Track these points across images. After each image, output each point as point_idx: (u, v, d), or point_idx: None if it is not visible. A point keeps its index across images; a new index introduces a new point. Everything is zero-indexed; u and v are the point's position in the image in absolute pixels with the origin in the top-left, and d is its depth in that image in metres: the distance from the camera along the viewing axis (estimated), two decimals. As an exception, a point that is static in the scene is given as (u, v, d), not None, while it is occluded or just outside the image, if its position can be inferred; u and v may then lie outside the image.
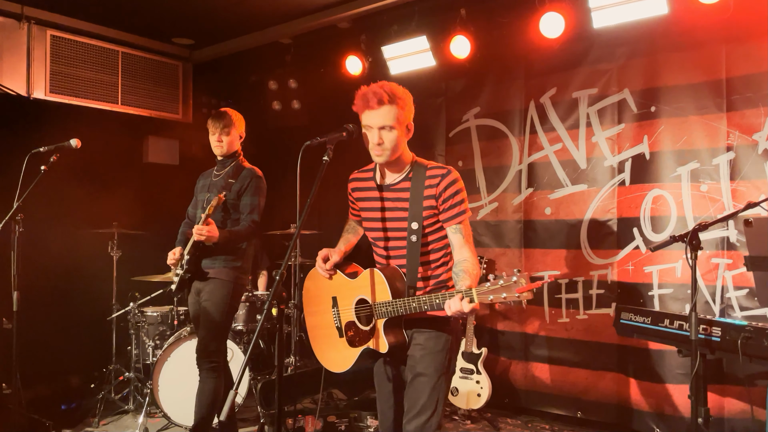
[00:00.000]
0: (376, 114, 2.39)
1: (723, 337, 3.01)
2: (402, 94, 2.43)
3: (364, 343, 2.50)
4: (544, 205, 4.85)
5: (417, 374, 2.45)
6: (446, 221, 2.45)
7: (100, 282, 5.07)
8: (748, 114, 3.97)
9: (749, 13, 3.82)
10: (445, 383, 2.48)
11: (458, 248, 2.42)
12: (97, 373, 5.07)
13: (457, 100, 5.35)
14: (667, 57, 4.29)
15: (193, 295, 3.83)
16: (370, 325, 2.48)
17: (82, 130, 4.09)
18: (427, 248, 2.49)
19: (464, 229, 2.43)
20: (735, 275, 3.99)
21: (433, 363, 2.44)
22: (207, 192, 3.87)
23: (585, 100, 4.66)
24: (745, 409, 3.84)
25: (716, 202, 4.08)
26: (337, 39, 5.36)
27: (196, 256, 3.70)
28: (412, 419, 2.42)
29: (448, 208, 2.42)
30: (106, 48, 5.38)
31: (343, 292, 2.61)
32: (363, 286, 2.51)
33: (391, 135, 2.41)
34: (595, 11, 4.21)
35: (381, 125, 2.39)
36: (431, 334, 2.46)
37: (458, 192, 2.43)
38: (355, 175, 2.71)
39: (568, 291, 4.73)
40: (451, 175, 2.44)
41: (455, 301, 2.14)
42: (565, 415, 4.73)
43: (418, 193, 2.44)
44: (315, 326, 2.76)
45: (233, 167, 3.84)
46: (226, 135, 3.82)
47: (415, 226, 2.43)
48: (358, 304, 2.54)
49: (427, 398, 2.41)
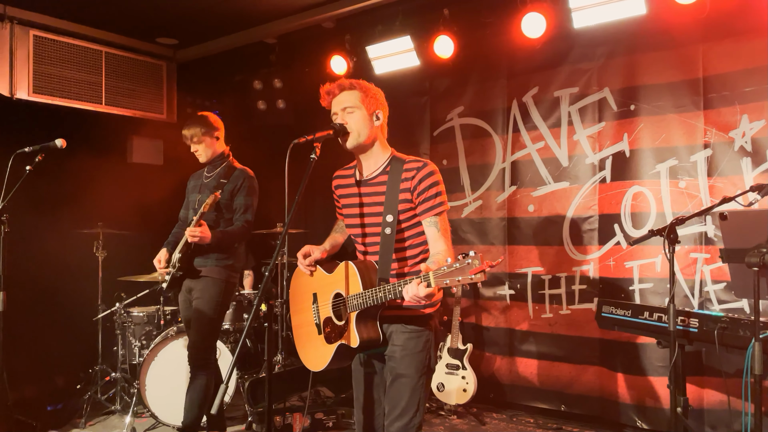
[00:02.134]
0: (338, 99, 2.50)
1: (700, 328, 3.10)
2: (364, 84, 2.53)
3: (338, 339, 2.47)
4: (527, 203, 4.92)
5: (398, 375, 2.44)
6: (422, 214, 2.44)
7: (85, 282, 5.06)
8: (724, 112, 4.07)
9: (725, 13, 3.92)
10: (426, 383, 2.48)
11: (433, 241, 2.43)
12: (83, 374, 5.05)
13: (441, 99, 5.40)
14: (645, 56, 4.38)
15: (183, 293, 3.84)
16: (344, 320, 2.46)
17: (66, 130, 4.08)
18: (403, 243, 2.48)
19: (440, 222, 2.42)
20: (713, 269, 4.09)
21: (414, 363, 2.43)
22: (198, 193, 3.87)
23: (566, 98, 4.74)
24: (723, 399, 3.94)
25: (694, 198, 4.17)
26: (322, 39, 5.38)
27: (188, 255, 3.71)
28: (395, 421, 2.42)
29: (423, 200, 2.42)
30: (89, 48, 5.35)
31: (323, 288, 2.60)
32: (339, 280, 2.50)
33: (354, 116, 2.46)
34: (576, 11, 4.28)
35: (343, 107, 2.47)
36: (411, 334, 2.45)
37: (434, 185, 2.42)
38: (338, 173, 2.74)
39: (551, 287, 4.81)
40: (427, 168, 2.43)
41: (412, 285, 2.15)
42: (549, 408, 4.80)
43: (394, 186, 2.44)
44: (298, 325, 2.74)
45: (224, 168, 3.85)
46: (198, 143, 3.81)
47: (389, 218, 2.43)
48: (334, 299, 2.53)
49: (408, 399, 2.41)
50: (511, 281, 5.00)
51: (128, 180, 5.77)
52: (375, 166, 2.54)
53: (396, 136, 2.63)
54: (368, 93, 2.51)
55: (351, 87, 2.50)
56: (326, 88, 2.54)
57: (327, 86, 2.54)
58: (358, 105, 2.47)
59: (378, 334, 2.42)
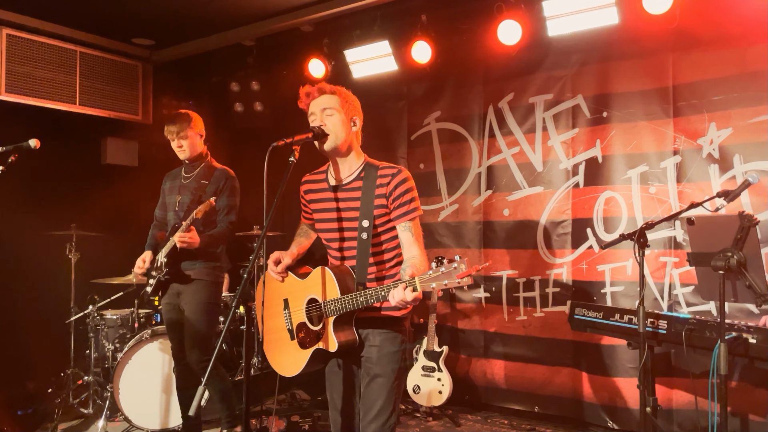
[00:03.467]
0: (317, 101, 2.52)
1: (669, 329, 3.18)
2: (344, 90, 2.58)
3: (314, 344, 2.48)
4: (502, 207, 4.99)
5: (374, 375, 2.46)
6: (396, 219, 2.47)
7: (58, 285, 4.99)
8: (693, 120, 4.18)
9: (694, 24, 4.03)
10: (401, 384, 2.51)
11: (407, 246, 2.46)
12: (55, 378, 4.97)
13: (418, 103, 5.45)
14: (617, 65, 4.48)
15: (170, 297, 3.81)
16: (320, 325, 2.47)
17: (39, 130, 4.02)
18: (379, 248, 2.51)
19: (414, 227, 2.46)
20: (681, 273, 4.20)
21: (390, 363, 2.46)
22: (178, 194, 3.83)
23: (541, 105, 4.83)
24: (691, 399, 4.04)
25: (664, 203, 4.28)
26: (300, 42, 5.40)
27: (174, 258, 3.69)
28: (371, 422, 2.42)
29: (398, 206, 2.46)
30: (63, 47, 5.29)
31: (295, 293, 2.60)
32: (313, 286, 2.50)
33: (333, 119, 2.48)
34: (550, 20, 4.37)
35: (323, 108, 2.50)
36: (387, 335, 2.48)
37: (408, 191, 2.46)
38: (307, 177, 2.73)
39: (525, 290, 4.88)
40: (402, 174, 2.48)
41: (398, 290, 2.17)
42: (523, 410, 4.87)
43: (369, 191, 2.47)
44: (268, 330, 2.71)
45: (203, 168, 3.82)
46: (185, 139, 3.76)
47: (365, 223, 2.46)
48: (308, 304, 2.53)
49: (384, 400, 2.43)
50: (486, 284, 5.06)
51: (102, 181, 5.71)
52: (349, 171, 2.56)
53: (374, 140, 2.67)
54: (347, 99, 2.56)
55: (331, 91, 2.54)
56: (306, 89, 2.56)
57: (307, 88, 2.57)
58: (338, 108, 2.51)
59: (355, 337, 2.44)
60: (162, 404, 4.47)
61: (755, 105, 3.94)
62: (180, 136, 3.75)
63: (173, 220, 3.82)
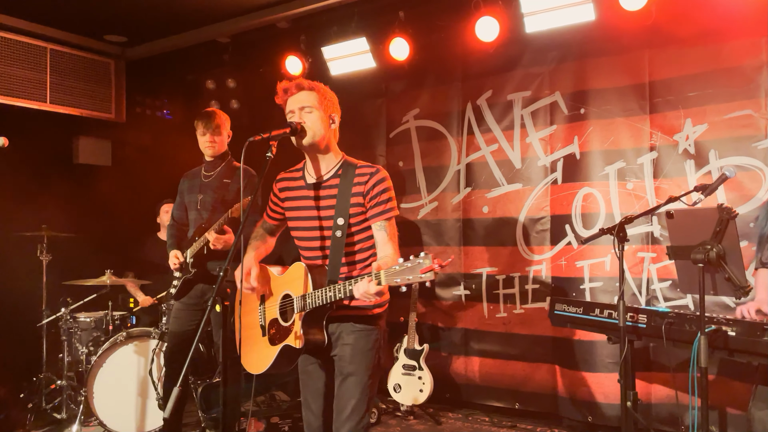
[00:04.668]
0: (295, 98, 2.50)
1: (648, 323, 3.19)
2: (322, 86, 2.56)
3: (283, 340, 2.45)
4: (481, 204, 4.99)
5: (347, 374, 2.44)
6: (372, 218, 2.46)
7: (28, 287, 4.85)
8: (669, 116, 4.22)
9: (670, 21, 4.06)
10: (375, 382, 2.48)
11: (381, 245, 2.45)
12: (26, 383, 4.84)
13: (397, 101, 5.43)
14: (594, 61, 4.50)
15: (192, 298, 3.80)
16: (291, 321, 2.45)
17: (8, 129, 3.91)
18: (353, 247, 2.49)
19: (389, 227, 2.45)
20: (659, 268, 4.23)
21: (363, 362, 2.44)
22: (198, 193, 3.83)
23: (519, 102, 4.83)
24: (671, 394, 4.08)
25: (641, 199, 4.31)
26: (277, 39, 5.33)
27: (200, 258, 3.68)
28: (345, 422, 2.41)
29: (374, 205, 2.45)
30: (33, 44, 5.16)
31: (271, 289, 2.60)
32: (290, 281, 2.50)
33: (312, 116, 2.47)
34: (528, 16, 4.37)
35: (301, 106, 2.47)
36: (360, 333, 2.46)
37: (385, 190, 2.46)
38: (282, 175, 2.71)
39: (505, 287, 4.88)
40: (380, 174, 2.48)
41: (363, 283, 2.17)
42: (504, 406, 4.87)
43: (346, 189, 2.46)
44: (243, 327, 2.68)
45: (225, 167, 3.83)
46: (218, 135, 3.81)
47: (340, 221, 2.45)
48: (282, 299, 2.52)
49: (358, 399, 2.41)
50: (466, 281, 5.05)
51: (74, 181, 5.59)
52: (326, 168, 2.54)
53: (352, 137, 2.64)
54: (325, 96, 2.54)
55: (310, 88, 2.52)
56: (284, 85, 2.53)
57: (284, 84, 2.54)
58: (316, 106, 2.49)
59: (323, 335, 2.42)
60: (138, 408, 4.39)
61: (730, 101, 3.98)
62: (215, 132, 3.79)
63: (196, 219, 3.82)
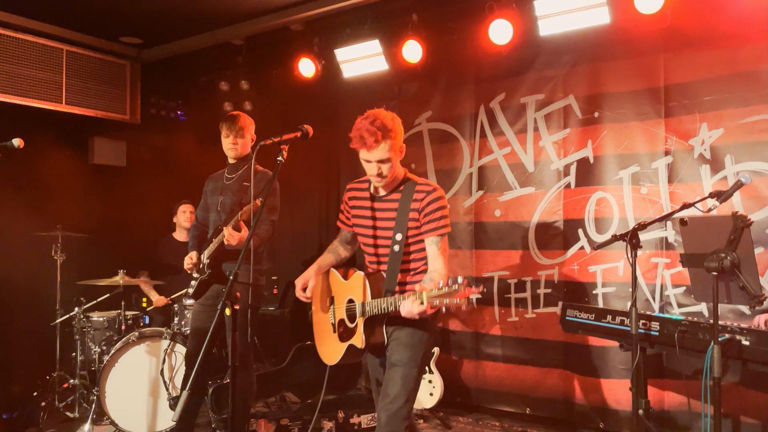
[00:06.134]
0: (373, 152, 2.59)
1: (661, 331, 3.16)
2: (393, 125, 2.62)
3: (348, 339, 2.74)
4: (493, 207, 4.97)
5: (392, 364, 2.67)
6: (425, 233, 2.67)
7: (43, 286, 4.92)
8: (684, 120, 4.17)
9: (686, 24, 4.01)
10: (418, 375, 2.68)
11: (432, 259, 2.67)
12: (40, 381, 4.89)
13: (409, 103, 5.42)
14: (609, 65, 4.46)
15: (209, 299, 3.82)
16: (355, 323, 2.72)
17: (24, 130, 3.96)
18: (408, 257, 2.72)
19: (441, 242, 2.66)
20: (673, 274, 4.18)
21: (407, 354, 2.65)
22: (220, 195, 3.87)
23: (532, 105, 4.80)
24: (684, 401, 4.03)
25: (655, 204, 4.26)
26: (290, 41, 5.35)
27: (217, 259, 3.71)
28: (386, 406, 2.61)
29: (428, 221, 2.65)
30: (50, 46, 5.22)
31: (339, 293, 2.89)
32: (353, 288, 2.77)
33: (388, 165, 2.63)
34: (542, 19, 4.34)
35: (379, 159, 2.60)
36: (409, 331, 2.68)
37: (440, 209, 2.67)
38: (352, 185, 2.93)
39: (517, 291, 4.85)
40: (436, 193, 2.68)
41: (408, 302, 2.41)
42: (515, 411, 4.84)
43: (405, 206, 2.68)
44: (317, 322, 3.04)
45: (246, 170, 3.86)
46: (241, 137, 3.85)
47: (399, 237, 2.67)
48: (348, 303, 2.79)
49: (399, 387, 2.60)
50: (477, 285, 5.00)
51: (89, 182, 5.65)
52: (391, 187, 2.75)
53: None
54: (397, 137, 2.63)
55: (384, 137, 2.57)
56: (361, 136, 2.56)
57: (361, 133, 2.56)
58: (392, 154, 2.62)
59: (383, 338, 2.69)
60: (149, 408, 4.41)
61: (746, 105, 3.93)
62: (239, 134, 3.83)
63: (215, 220, 3.87)
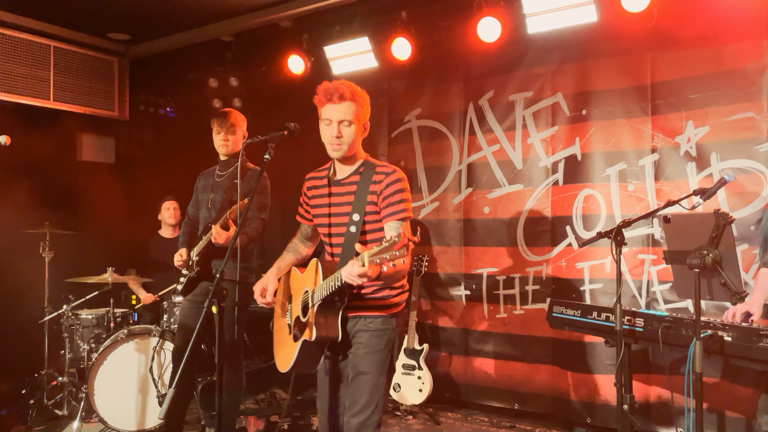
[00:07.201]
0: (336, 108, 2.50)
1: (646, 327, 3.19)
2: (362, 93, 2.57)
3: (301, 335, 2.53)
4: (482, 204, 4.99)
5: (359, 372, 2.53)
6: (385, 218, 2.52)
7: (31, 284, 4.88)
8: (671, 118, 4.20)
9: (672, 23, 4.04)
10: (386, 380, 2.57)
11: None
12: (28, 379, 4.88)
13: (399, 100, 5.43)
14: (596, 62, 4.49)
15: (198, 296, 3.83)
16: (307, 316, 2.52)
17: (11, 126, 3.95)
18: (365, 240, 2.55)
19: (402, 228, 2.49)
20: (659, 270, 4.22)
21: (375, 361, 2.52)
22: (211, 192, 3.87)
23: (521, 102, 4.82)
24: (668, 396, 4.07)
25: (642, 201, 4.30)
26: (279, 38, 5.34)
27: (206, 257, 3.71)
28: (354, 416, 2.50)
29: (387, 205, 2.51)
30: (37, 42, 5.19)
31: (296, 289, 2.69)
32: (307, 278, 2.60)
33: (349, 130, 2.52)
34: (530, 17, 4.36)
35: (340, 119, 2.50)
36: (374, 333, 2.55)
37: (399, 191, 2.51)
38: (311, 174, 2.80)
39: (505, 287, 4.88)
40: (395, 175, 2.54)
41: (349, 265, 2.24)
42: (503, 407, 4.88)
43: (363, 188, 2.53)
44: (277, 330, 2.81)
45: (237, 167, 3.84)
46: (232, 134, 3.85)
47: (356, 217, 2.52)
48: (303, 295, 2.60)
49: (369, 396, 2.50)
50: (466, 282, 5.05)
51: (78, 178, 5.62)
52: (350, 170, 2.62)
53: (359, 137, 2.62)
54: (364, 105, 2.57)
55: (351, 98, 2.51)
56: (326, 89, 2.51)
57: (327, 87, 2.51)
58: (355, 119, 2.53)
59: (337, 330, 2.47)
60: (138, 405, 4.41)
61: (732, 103, 3.96)
62: (229, 131, 3.84)
63: (206, 217, 3.87)
